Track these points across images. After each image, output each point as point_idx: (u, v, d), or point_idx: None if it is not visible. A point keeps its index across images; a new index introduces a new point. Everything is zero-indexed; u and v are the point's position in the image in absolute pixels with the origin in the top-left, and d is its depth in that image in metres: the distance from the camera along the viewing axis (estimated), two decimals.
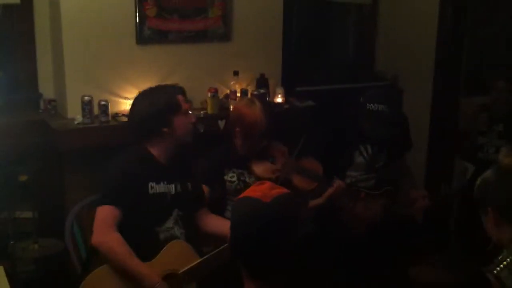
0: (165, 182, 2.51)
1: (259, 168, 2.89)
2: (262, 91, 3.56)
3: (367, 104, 2.99)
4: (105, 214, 2.38)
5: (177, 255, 2.44)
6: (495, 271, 1.76)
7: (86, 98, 3.13)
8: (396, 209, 3.10)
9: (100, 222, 2.39)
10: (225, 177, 2.89)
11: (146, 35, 3.32)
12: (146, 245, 2.42)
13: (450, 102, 3.96)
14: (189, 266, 2.42)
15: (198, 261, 2.44)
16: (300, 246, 1.57)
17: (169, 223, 2.51)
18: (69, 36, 3.16)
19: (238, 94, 3.53)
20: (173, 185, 2.53)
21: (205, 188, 2.76)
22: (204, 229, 2.67)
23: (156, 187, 2.48)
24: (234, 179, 2.90)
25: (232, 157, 2.92)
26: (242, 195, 1.60)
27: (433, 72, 3.93)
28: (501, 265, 1.77)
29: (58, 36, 3.20)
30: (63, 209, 3.13)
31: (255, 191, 1.56)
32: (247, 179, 2.91)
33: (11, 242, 2.96)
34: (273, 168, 2.90)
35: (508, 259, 1.76)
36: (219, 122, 3.36)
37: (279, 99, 3.70)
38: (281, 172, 2.85)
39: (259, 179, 2.83)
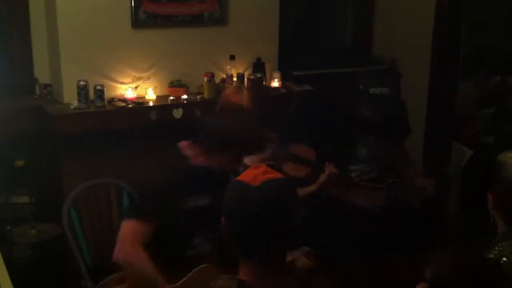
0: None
1: (248, 157, 2.88)
2: (258, 75, 3.55)
3: (370, 89, 2.89)
4: (130, 230, 2.15)
5: (203, 281, 2.15)
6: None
7: (81, 83, 3.12)
8: (402, 199, 3.00)
9: (124, 237, 2.14)
10: None
11: (141, 19, 3.30)
12: (173, 265, 2.19)
13: (448, 86, 3.94)
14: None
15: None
16: (295, 229, 1.58)
17: (198, 240, 2.33)
18: (64, 20, 3.13)
19: (235, 79, 3.51)
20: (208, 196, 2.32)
21: None
22: None
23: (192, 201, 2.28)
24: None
25: None
26: (235, 178, 1.62)
27: (430, 56, 3.91)
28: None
29: (53, 21, 3.17)
30: (60, 193, 3.13)
31: (247, 174, 1.59)
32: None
33: (8, 227, 2.97)
34: (263, 157, 2.89)
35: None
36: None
37: (275, 83, 3.68)
38: (272, 160, 2.83)
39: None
